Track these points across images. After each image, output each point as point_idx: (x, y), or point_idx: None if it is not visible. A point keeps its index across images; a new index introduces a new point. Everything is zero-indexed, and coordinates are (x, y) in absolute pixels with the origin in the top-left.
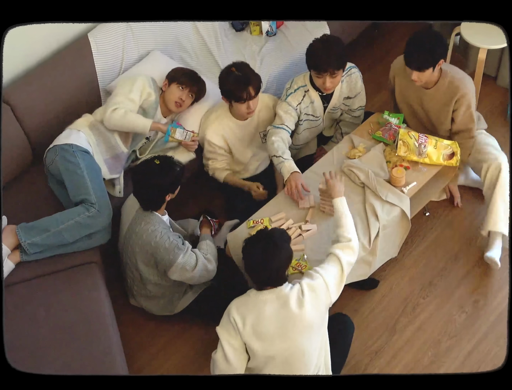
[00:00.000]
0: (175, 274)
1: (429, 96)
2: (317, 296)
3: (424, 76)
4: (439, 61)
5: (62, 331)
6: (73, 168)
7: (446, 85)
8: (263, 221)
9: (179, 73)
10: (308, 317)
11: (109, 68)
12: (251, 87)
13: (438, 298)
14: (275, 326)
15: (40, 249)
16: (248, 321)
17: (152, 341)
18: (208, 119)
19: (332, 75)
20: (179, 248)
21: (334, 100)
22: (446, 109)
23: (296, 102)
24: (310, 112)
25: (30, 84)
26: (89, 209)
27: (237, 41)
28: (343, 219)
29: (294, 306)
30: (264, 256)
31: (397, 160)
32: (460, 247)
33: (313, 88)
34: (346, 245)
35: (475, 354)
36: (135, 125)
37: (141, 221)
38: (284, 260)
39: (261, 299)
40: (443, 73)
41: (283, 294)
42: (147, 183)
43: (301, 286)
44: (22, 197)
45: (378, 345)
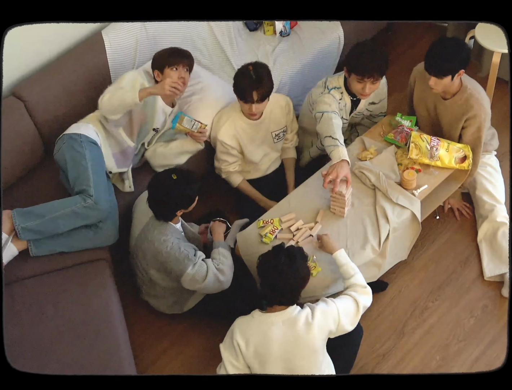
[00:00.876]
0: (186, 284)
1: (445, 106)
2: (326, 321)
3: (442, 83)
4: (458, 71)
5: (69, 327)
6: (79, 158)
7: (463, 101)
8: (273, 221)
9: (164, 57)
10: (313, 342)
11: (122, 65)
12: (255, 92)
13: (447, 301)
14: (279, 350)
15: (33, 236)
16: (252, 343)
17: (160, 339)
18: (220, 120)
19: (374, 81)
20: (189, 259)
21: (361, 106)
22: (455, 125)
23: (338, 97)
24: (343, 114)
25: (43, 80)
26: (86, 200)
27: (250, 40)
28: (350, 269)
29: (301, 329)
30: (284, 272)
31: (408, 163)
32: (470, 251)
33: (347, 92)
34: (362, 290)
35: (483, 359)
36: (123, 101)
37: (154, 229)
38: (302, 278)
39: (266, 321)
40: (463, 87)
41: (290, 317)
42: (160, 197)
43: (313, 311)
44: (33, 191)
45: (386, 347)
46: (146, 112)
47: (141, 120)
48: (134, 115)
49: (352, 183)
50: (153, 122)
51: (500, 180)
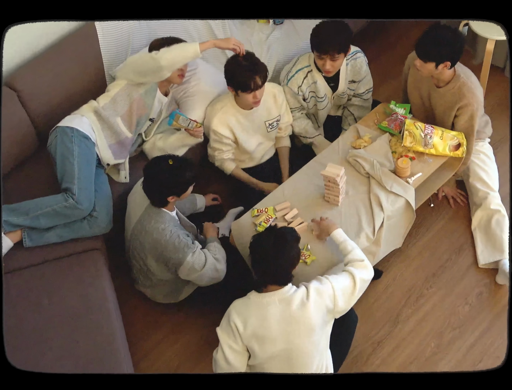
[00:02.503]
0: (184, 273)
1: (438, 94)
2: (322, 299)
3: (426, 68)
4: (444, 61)
5: (65, 317)
6: (67, 154)
7: (455, 89)
8: (267, 209)
9: (158, 43)
10: (309, 320)
11: (115, 54)
12: (258, 77)
13: (441, 289)
14: (277, 328)
15: (12, 229)
16: (250, 323)
17: (155, 329)
18: (213, 110)
19: (333, 58)
20: (189, 247)
21: (341, 85)
22: (448, 113)
23: (295, 86)
24: (313, 90)
25: (36, 70)
26: (67, 199)
27: (244, 29)
28: (348, 246)
29: (297, 308)
30: (273, 251)
31: (402, 150)
32: (465, 238)
33: (317, 69)
34: (359, 264)
35: (478, 346)
36: (184, 52)
37: (151, 218)
38: (292, 258)
39: (262, 301)
40: (456, 76)
41: (286, 296)
42: (153, 180)
43: (308, 289)
44: (27, 182)
45: (381, 335)
46: (147, 102)
47: (141, 111)
48: (135, 105)
49: (346, 171)
50: (151, 112)
51: (493, 167)
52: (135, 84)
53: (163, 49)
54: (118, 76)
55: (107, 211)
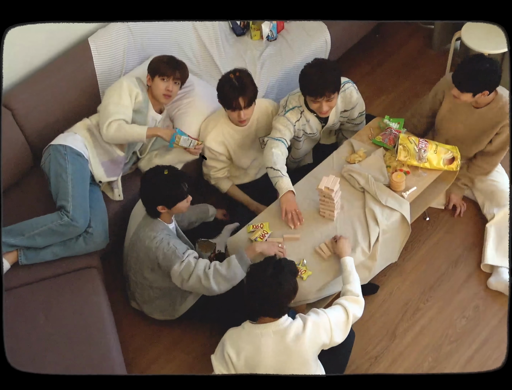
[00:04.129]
0: (176, 280)
1: (479, 115)
2: (318, 333)
3: (463, 97)
4: (482, 91)
5: (61, 335)
6: (60, 172)
7: (498, 109)
8: (263, 225)
9: (158, 64)
10: (304, 352)
11: (110, 72)
12: (241, 98)
13: (438, 302)
14: (271, 361)
15: (9, 249)
16: (243, 354)
17: (152, 346)
18: (208, 127)
19: (329, 99)
20: (177, 255)
21: (331, 120)
22: (489, 132)
23: (294, 118)
24: (308, 130)
25: (31, 89)
26: (62, 217)
27: (237, 46)
28: (351, 277)
29: (291, 339)
30: (270, 286)
31: (397, 165)
32: (461, 252)
33: (308, 110)
34: (354, 299)
35: (475, 359)
36: (131, 136)
37: (145, 227)
38: (289, 291)
39: (256, 332)
40: (498, 96)
41: (280, 328)
42: (147, 188)
43: (305, 322)
44: (22, 201)
45: (378, 350)
46: (139, 121)
47: None
48: None
49: (341, 186)
50: None
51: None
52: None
53: (115, 125)
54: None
55: (103, 226)
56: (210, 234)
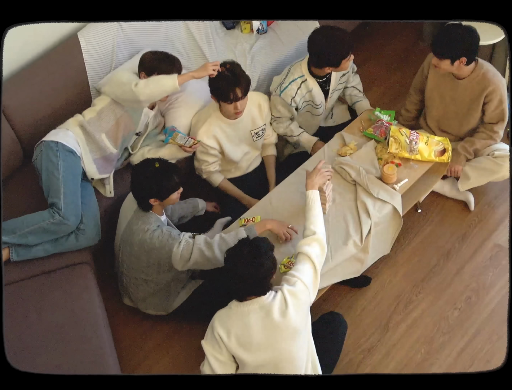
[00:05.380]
0: (178, 265)
1: (462, 86)
2: (299, 300)
3: (442, 64)
4: (459, 57)
5: (53, 332)
6: (52, 169)
7: (480, 77)
8: (254, 219)
9: (154, 61)
10: (292, 324)
11: (99, 67)
12: (238, 88)
13: (430, 295)
14: (261, 336)
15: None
16: (233, 333)
17: (145, 341)
18: (199, 121)
19: (349, 59)
20: (173, 238)
21: (332, 83)
22: (476, 102)
23: (289, 97)
24: (308, 99)
25: (20, 85)
26: (53, 215)
27: (228, 39)
28: (310, 211)
29: (277, 315)
30: (249, 266)
31: (388, 157)
32: (452, 244)
33: (311, 76)
34: (311, 238)
35: (468, 351)
36: (162, 87)
37: (138, 220)
38: (268, 268)
39: (243, 310)
40: (479, 64)
41: (266, 303)
42: (138, 181)
43: (283, 294)
44: (12, 197)
45: (371, 342)
46: (134, 118)
47: (128, 127)
48: (122, 122)
49: (332, 179)
50: (137, 126)
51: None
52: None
53: (142, 82)
54: (103, 91)
55: (95, 222)
56: (202, 227)
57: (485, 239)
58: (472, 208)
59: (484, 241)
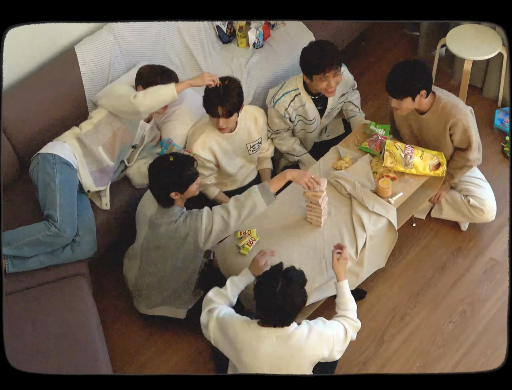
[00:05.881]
0: (202, 240)
1: (425, 121)
2: (320, 345)
3: (404, 103)
4: (419, 91)
5: (48, 343)
6: (48, 181)
7: (440, 111)
8: (250, 232)
9: (151, 74)
10: (303, 362)
11: (96, 80)
12: (221, 107)
13: (426, 308)
14: (268, 365)
15: None
16: (239, 349)
17: (141, 352)
18: (195, 134)
19: (336, 73)
20: (195, 216)
21: (330, 103)
22: (443, 135)
23: (282, 108)
24: (301, 113)
25: (18, 97)
26: (49, 228)
27: (224, 53)
28: (351, 304)
29: (294, 348)
30: (279, 300)
31: (383, 171)
32: (447, 257)
33: (306, 92)
34: (355, 326)
35: (463, 364)
36: (161, 97)
37: (163, 215)
38: (298, 305)
39: (259, 334)
40: (437, 98)
41: (284, 334)
42: (156, 178)
43: (310, 331)
44: (8, 209)
45: (366, 355)
46: (131, 131)
47: (125, 140)
48: (119, 134)
49: (328, 192)
50: (134, 139)
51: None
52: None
53: (140, 94)
54: (100, 104)
55: (91, 234)
56: None
57: (480, 252)
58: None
59: (479, 254)
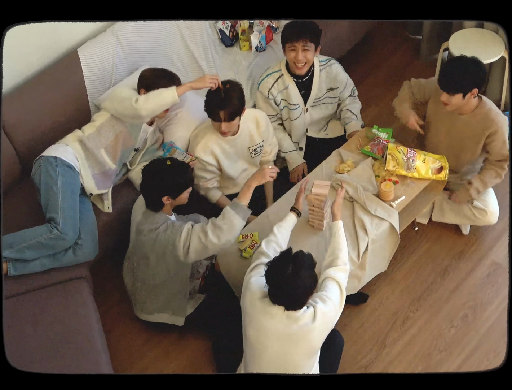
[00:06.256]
0: (181, 255)
1: (463, 122)
2: (326, 323)
3: (454, 99)
4: (471, 89)
5: (49, 346)
6: (50, 184)
7: (483, 115)
8: (252, 235)
9: (153, 78)
10: (312, 342)
11: (99, 83)
12: (222, 112)
13: (427, 312)
14: (277, 344)
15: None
16: (251, 323)
17: (142, 355)
18: (197, 137)
19: (305, 47)
20: (176, 229)
21: (314, 90)
22: (476, 139)
23: (265, 89)
24: (285, 97)
25: (20, 100)
26: (52, 230)
27: (226, 56)
28: (342, 243)
29: (302, 329)
30: (290, 283)
31: (385, 174)
32: (449, 261)
33: (288, 74)
34: (344, 269)
35: (465, 368)
36: (162, 100)
37: (146, 220)
38: (310, 287)
39: (269, 312)
40: (483, 102)
41: (293, 315)
42: (150, 179)
43: (315, 311)
44: (9, 212)
45: (368, 359)
46: (133, 134)
47: (127, 143)
48: (121, 137)
49: (330, 196)
50: (136, 142)
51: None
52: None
53: (142, 98)
54: (103, 107)
55: (93, 237)
56: None
57: (482, 256)
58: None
59: (482, 258)
